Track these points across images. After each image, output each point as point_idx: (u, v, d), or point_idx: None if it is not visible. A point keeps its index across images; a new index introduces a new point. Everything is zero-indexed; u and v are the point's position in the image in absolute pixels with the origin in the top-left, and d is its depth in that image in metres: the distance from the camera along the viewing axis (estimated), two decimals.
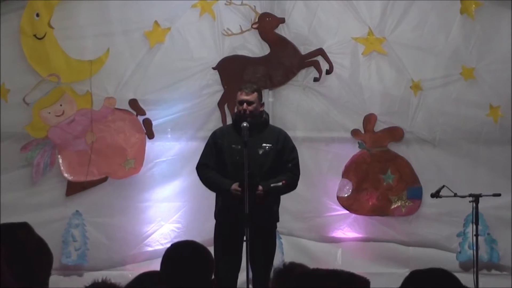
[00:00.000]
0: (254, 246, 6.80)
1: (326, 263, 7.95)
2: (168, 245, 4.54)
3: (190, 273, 4.03)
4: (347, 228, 8.76)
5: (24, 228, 3.37)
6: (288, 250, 8.39)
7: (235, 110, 7.44)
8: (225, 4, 8.71)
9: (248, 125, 6.94)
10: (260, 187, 6.90)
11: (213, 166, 7.18)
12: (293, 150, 7.26)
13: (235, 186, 6.90)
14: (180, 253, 4.17)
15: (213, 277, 4.14)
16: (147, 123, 8.67)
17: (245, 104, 7.10)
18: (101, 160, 8.63)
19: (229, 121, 8.32)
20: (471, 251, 7.99)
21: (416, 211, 8.74)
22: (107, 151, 8.63)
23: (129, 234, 8.63)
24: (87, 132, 8.63)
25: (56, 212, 8.48)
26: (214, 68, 8.72)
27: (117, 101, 8.67)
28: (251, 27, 8.75)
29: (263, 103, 7.42)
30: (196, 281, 4.03)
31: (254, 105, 7.11)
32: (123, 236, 8.62)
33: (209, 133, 7.63)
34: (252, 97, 7.13)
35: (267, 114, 7.44)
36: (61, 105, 8.64)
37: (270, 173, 7.07)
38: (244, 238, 6.81)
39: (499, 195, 7.97)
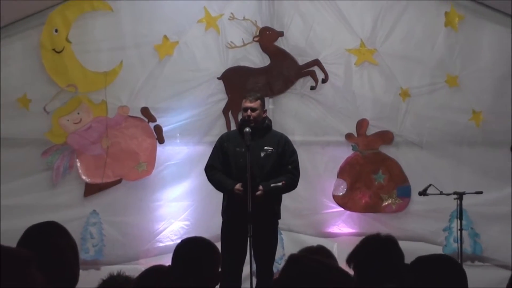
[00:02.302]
0: (257, 241, 6.85)
1: None
2: (178, 241, 4.58)
3: (199, 266, 4.04)
4: (342, 224, 8.78)
5: (55, 227, 3.48)
6: (288, 245, 8.35)
7: (240, 116, 7.50)
8: (229, 19, 8.71)
9: (250, 130, 6.97)
10: (261, 187, 6.93)
11: (219, 168, 7.20)
12: (293, 153, 7.27)
13: (238, 186, 6.94)
14: (190, 248, 4.18)
15: (219, 270, 4.23)
16: (158, 129, 8.67)
17: (249, 110, 7.13)
18: (116, 163, 8.62)
19: (233, 127, 8.34)
20: (456, 244, 8.02)
21: (405, 208, 8.76)
22: (121, 155, 8.61)
23: (142, 231, 8.61)
24: (102, 138, 8.62)
25: (74, 211, 8.47)
26: (219, 78, 8.71)
27: (130, 109, 8.66)
28: (253, 40, 8.76)
29: (266, 110, 7.46)
30: (204, 274, 4.05)
31: (258, 111, 7.15)
32: (137, 233, 8.60)
33: (215, 138, 7.70)
34: (256, 104, 7.17)
35: (270, 120, 7.46)
36: (78, 113, 8.62)
37: (271, 174, 7.09)
38: (248, 234, 6.83)
39: (481, 192, 8.01)
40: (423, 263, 3.63)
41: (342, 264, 4.78)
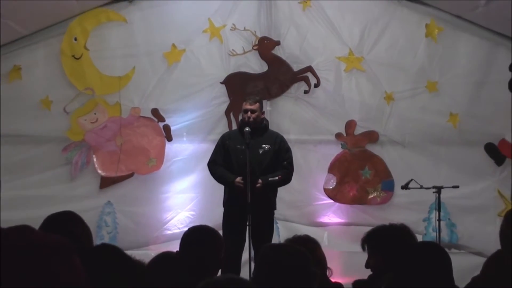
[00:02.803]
0: (255, 229, 6.88)
1: None
2: (184, 229, 4.63)
3: (204, 252, 4.07)
4: (332, 215, 8.78)
5: (72, 216, 3.51)
6: (283, 233, 8.32)
7: (241, 117, 7.52)
8: (231, 29, 8.72)
9: (249, 130, 7.02)
10: (260, 180, 6.98)
11: (221, 163, 7.24)
12: (288, 151, 7.31)
13: (238, 179, 6.98)
14: (195, 235, 4.22)
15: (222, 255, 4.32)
16: (166, 128, 8.68)
17: (249, 112, 7.16)
18: (128, 159, 8.63)
19: (234, 126, 8.36)
20: (435, 234, 8.02)
21: (389, 200, 8.76)
22: (133, 151, 8.62)
23: (151, 220, 8.62)
24: (116, 136, 8.64)
25: (91, 202, 8.48)
26: (221, 83, 8.72)
27: (141, 110, 8.67)
28: (252, 48, 8.77)
29: (264, 112, 7.47)
30: (209, 259, 4.09)
31: (256, 113, 7.18)
32: (147, 222, 8.61)
33: (218, 137, 7.73)
34: (255, 106, 7.20)
35: (267, 121, 7.49)
36: (95, 114, 8.65)
37: (268, 169, 7.13)
38: (247, 223, 6.87)
39: (457, 187, 7.98)
40: (415, 249, 3.69)
41: (331, 249, 4.86)
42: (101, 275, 2.74)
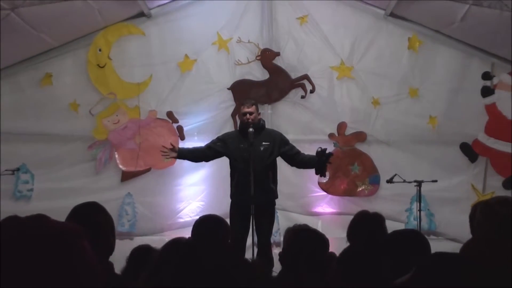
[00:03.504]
0: (258, 218, 6.86)
1: None
2: (196, 217, 4.62)
3: (213, 237, 4.10)
4: (325, 205, 8.78)
5: (96, 206, 3.47)
6: (282, 222, 8.33)
7: (238, 120, 7.48)
8: (236, 42, 8.72)
9: (253, 130, 6.98)
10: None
11: (213, 148, 7.20)
12: (288, 142, 7.25)
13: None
14: (206, 223, 4.26)
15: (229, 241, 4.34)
16: (180, 128, 8.69)
17: (247, 114, 7.10)
18: (146, 155, 8.63)
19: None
20: (415, 222, 8.04)
21: (375, 193, 8.75)
22: (150, 149, 8.58)
23: (166, 209, 8.62)
24: (136, 135, 8.64)
25: (113, 193, 8.48)
26: (228, 89, 8.72)
27: (157, 112, 8.67)
28: (255, 59, 8.77)
29: (260, 113, 7.43)
30: (217, 244, 4.07)
31: (254, 114, 7.12)
32: (162, 211, 8.61)
33: None
34: (252, 109, 7.14)
35: (263, 121, 7.40)
36: (117, 116, 8.66)
37: (269, 163, 7.08)
38: (251, 213, 6.82)
39: (436, 181, 8.01)
40: (399, 235, 3.69)
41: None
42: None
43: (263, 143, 7.12)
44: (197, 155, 7.40)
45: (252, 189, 6.79)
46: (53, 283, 1.69)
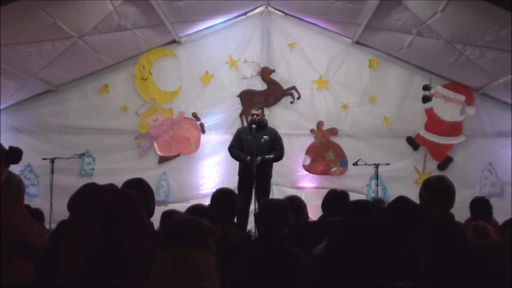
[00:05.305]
0: (258, 190, 6.86)
1: None
2: (213, 190, 4.59)
3: (226, 204, 4.07)
4: (308, 181, 8.73)
5: (141, 181, 3.46)
6: (276, 193, 8.30)
7: (249, 118, 7.44)
8: (243, 62, 8.68)
9: (255, 127, 7.01)
10: (259, 158, 6.91)
11: (237, 147, 7.18)
12: (280, 139, 7.24)
13: (248, 158, 6.97)
14: (220, 194, 4.21)
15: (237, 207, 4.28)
16: (201, 125, 8.63)
17: (255, 115, 7.14)
18: (177, 144, 8.59)
19: (245, 124, 8.24)
20: (374, 194, 7.99)
21: (344, 172, 8.68)
22: (180, 140, 8.58)
23: (191, 184, 8.58)
24: (169, 130, 8.60)
25: (153, 172, 8.42)
26: (237, 96, 8.68)
27: (185, 113, 8.64)
28: (257, 74, 8.73)
29: (264, 114, 7.46)
30: (229, 210, 4.08)
31: (260, 115, 7.15)
32: (189, 185, 8.57)
33: (235, 131, 7.66)
34: (259, 111, 7.17)
35: (267, 120, 7.46)
36: (156, 115, 8.61)
37: (267, 151, 7.07)
38: (253, 186, 6.84)
39: (389, 164, 8.04)
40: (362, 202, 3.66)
41: (307, 203, 4.81)
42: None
43: (264, 136, 7.12)
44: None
45: (254, 168, 6.80)
46: (121, 229, 1.78)
